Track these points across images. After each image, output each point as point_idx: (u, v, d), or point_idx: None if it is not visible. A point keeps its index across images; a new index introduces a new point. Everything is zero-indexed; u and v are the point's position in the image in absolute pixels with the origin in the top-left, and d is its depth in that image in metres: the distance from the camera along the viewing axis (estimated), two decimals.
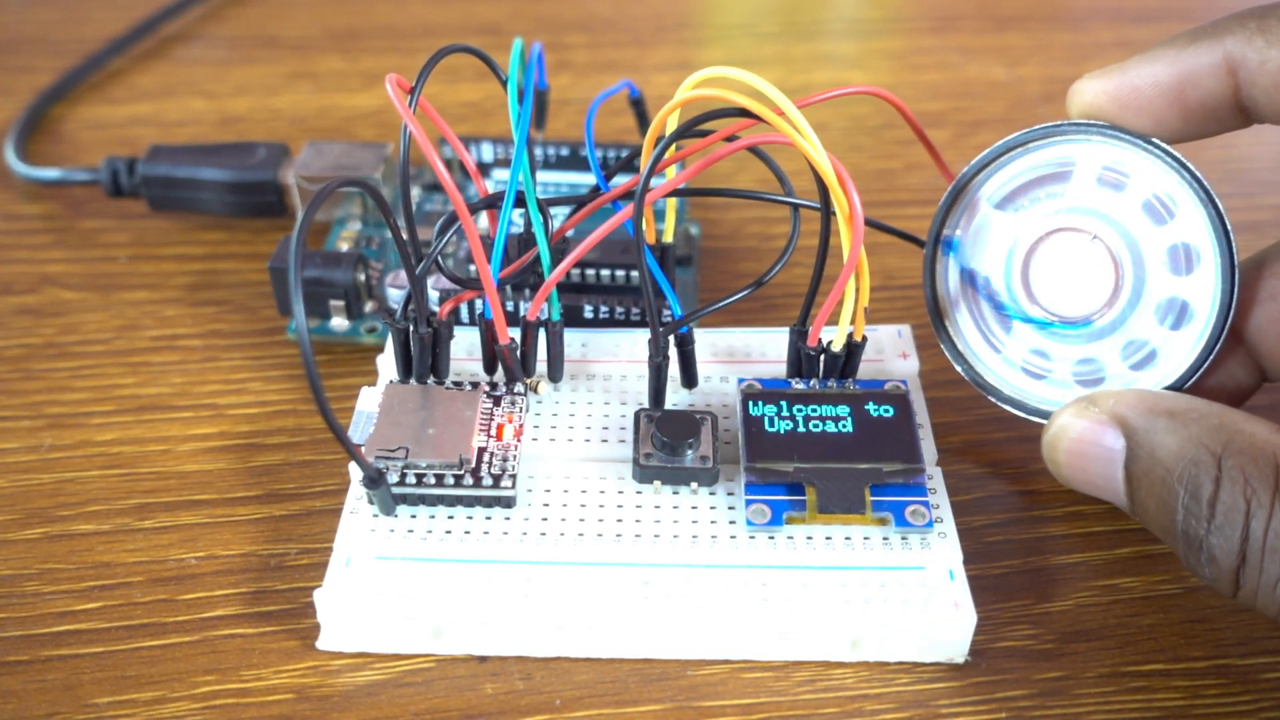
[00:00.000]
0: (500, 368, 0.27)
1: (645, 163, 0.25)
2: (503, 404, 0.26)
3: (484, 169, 0.35)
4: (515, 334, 0.26)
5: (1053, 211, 0.26)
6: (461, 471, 0.24)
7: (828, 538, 0.24)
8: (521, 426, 0.25)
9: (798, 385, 0.26)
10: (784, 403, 0.26)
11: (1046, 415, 0.25)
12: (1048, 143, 0.25)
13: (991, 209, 0.26)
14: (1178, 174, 0.24)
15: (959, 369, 0.27)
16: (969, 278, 0.27)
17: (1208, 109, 0.24)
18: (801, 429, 0.25)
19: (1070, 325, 0.26)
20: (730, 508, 0.25)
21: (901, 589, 0.23)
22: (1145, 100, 0.24)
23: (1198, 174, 0.24)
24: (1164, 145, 0.24)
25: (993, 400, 0.26)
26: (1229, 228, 0.24)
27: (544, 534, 0.24)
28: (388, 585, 0.23)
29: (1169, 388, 0.25)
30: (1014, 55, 0.45)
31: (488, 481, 0.24)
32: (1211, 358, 0.24)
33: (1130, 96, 0.24)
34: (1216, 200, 0.24)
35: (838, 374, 0.26)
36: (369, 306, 0.31)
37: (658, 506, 0.25)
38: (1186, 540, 0.21)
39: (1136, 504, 0.22)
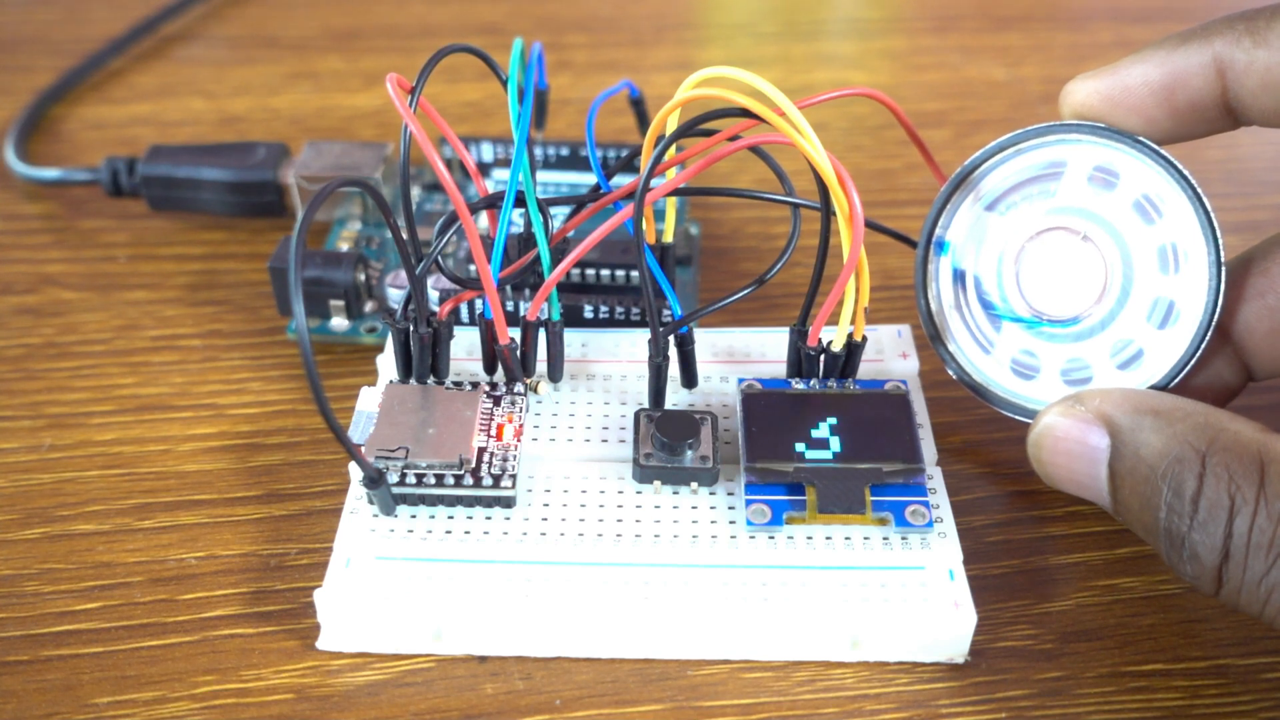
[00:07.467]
0: (500, 368, 0.27)
1: (645, 163, 0.25)
2: (503, 404, 0.26)
3: (484, 169, 0.35)
4: (515, 334, 0.26)
5: (1043, 211, 0.26)
6: (461, 471, 0.24)
7: (828, 538, 0.24)
8: (521, 426, 0.25)
9: (798, 385, 0.26)
10: (784, 403, 0.26)
11: (1034, 415, 0.25)
12: (1040, 143, 0.26)
13: (983, 210, 0.26)
14: (1167, 174, 0.24)
15: (949, 369, 0.27)
16: (960, 278, 0.27)
17: (1196, 109, 0.24)
18: (801, 429, 0.25)
19: (1059, 324, 0.26)
20: (730, 508, 0.25)
21: (901, 589, 0.23)
22: (1136, 100, 0.24)
23: (1186, 174, 0.24)
24: (1154, 145, 0.24)
25: (981, 400, 0.26)
26: (1217, 227, 0.24)
27: (544, 534, 0.24)
28: (388, 585, 0.23)
29: (1154, 386, 0.25)
30: (1014, 55, 0.45)
31: (488, 481, 0.24)
32: (1197, 356, 0.24)
33: (1121, 96, 0.24)
34: (1205, 199, 0.24)
35: (838, 374, 0.26)
36: (369, 306, 0.31)
37: (658, 506, 0.25)
38: (1169, 537, 0.21)
39: (1119, 502, 0.22)
